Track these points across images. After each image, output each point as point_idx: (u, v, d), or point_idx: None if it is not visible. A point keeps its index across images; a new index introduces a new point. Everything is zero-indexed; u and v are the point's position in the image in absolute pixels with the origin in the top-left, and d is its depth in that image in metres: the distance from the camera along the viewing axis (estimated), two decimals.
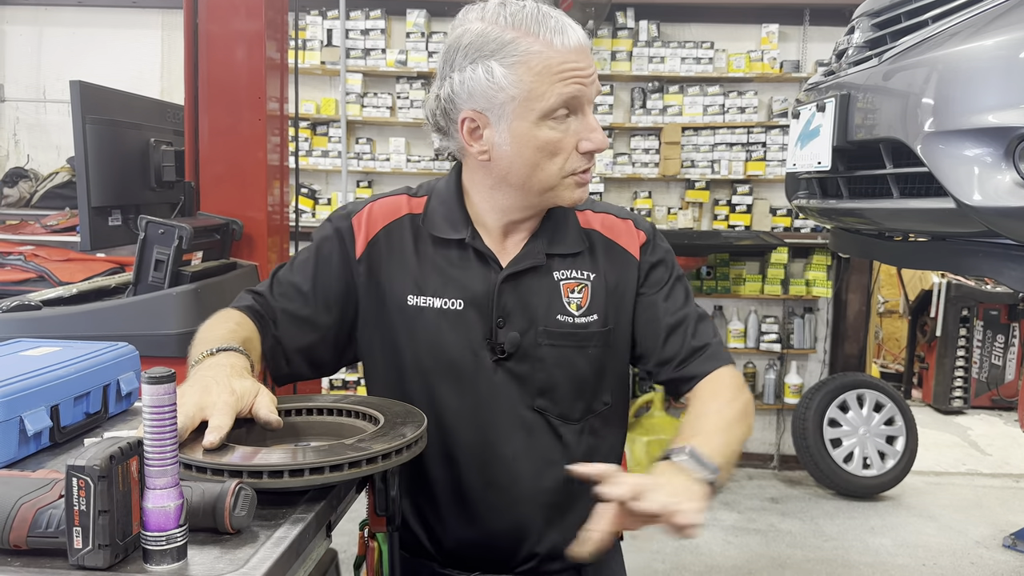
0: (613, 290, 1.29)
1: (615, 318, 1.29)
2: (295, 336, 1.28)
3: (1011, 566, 3.78)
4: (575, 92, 1.15)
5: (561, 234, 1.28)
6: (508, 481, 1.26)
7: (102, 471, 0.82)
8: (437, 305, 1.25)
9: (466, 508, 1.27)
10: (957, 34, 2.03)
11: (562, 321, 1.25)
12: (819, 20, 5.34)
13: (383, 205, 1.32)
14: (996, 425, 6.03)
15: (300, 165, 5.44)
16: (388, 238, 1.29)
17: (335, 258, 1.30)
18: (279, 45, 2.77)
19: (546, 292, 1.26)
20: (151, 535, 0.86)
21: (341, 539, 1.48)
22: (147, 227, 2.31)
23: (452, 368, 1.25)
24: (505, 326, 1.24)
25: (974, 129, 1.90)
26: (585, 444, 1.28)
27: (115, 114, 2.51)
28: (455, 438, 1.26)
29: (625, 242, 1.32)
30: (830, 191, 2.67)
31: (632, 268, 1.31)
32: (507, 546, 1.28)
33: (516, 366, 1.24)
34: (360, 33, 5.49)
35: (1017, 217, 1.86)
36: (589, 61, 1.17)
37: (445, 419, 1.26)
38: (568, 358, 1.25)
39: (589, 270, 1.28)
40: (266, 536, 0.95)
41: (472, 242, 1.26)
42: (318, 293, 1.29)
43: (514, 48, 1.14)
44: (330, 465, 1.00)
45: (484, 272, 1.25)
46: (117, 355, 1.41)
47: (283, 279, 1.31)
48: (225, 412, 1.04)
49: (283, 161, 2.81)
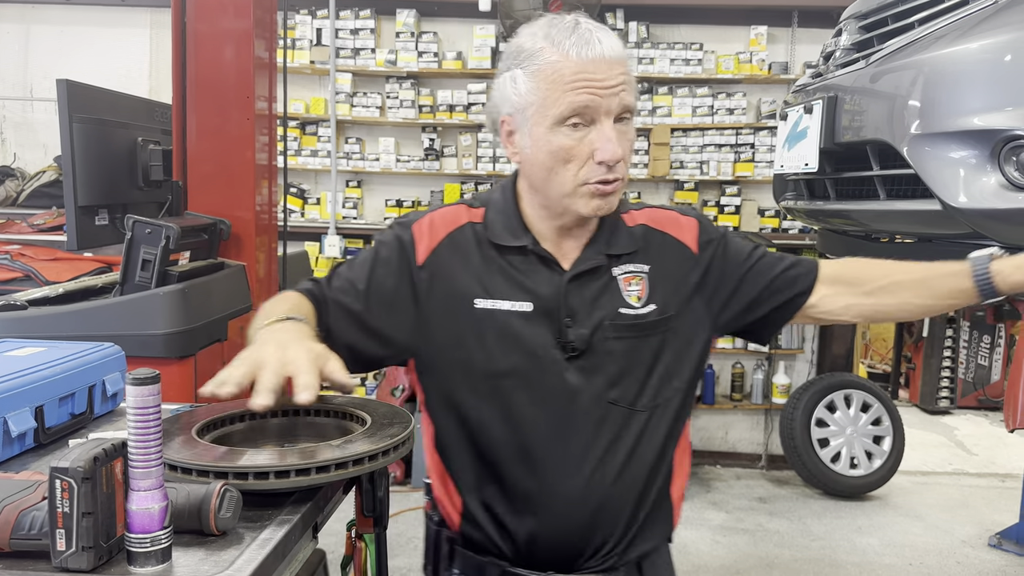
0: (668, 278, 1.34)
1: (675, 305, 1.33)
2: (344, 329, 1.30)
3: (997, 565, 3.81)
4: (586, 101, 1.19)
5: (616, 236, 1.34)
6: (584, 477, 1.27)
7: (86, 473, 0.82)
8: (506, 307, 1.28)
9: (540, 506, 1.28)
10: (943, 37, 2.05)
11: (625, 314, 1.30)
12: (807, 22, 5.36)
13: (443, 215, 1.36)
14: (982, 425, 6.06)
15: (289, 164, 5.43)
16: (452, 244, 1.33)
17: (393, 263, 1.32)
18: (267, 44, 2.76)
19: (608, 289, 1.31)
20: (135, 537, 0.86)
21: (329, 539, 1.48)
22: (134, 226, 2.30)
23: (524, 367, 1.28)
24: (574, 325, 1.28)
25: (960, 131, 1.92)
26: (658, 431, 1.32)
27: (102, 113, 2.49)
28: (529, 436, 1.28)
29: (674, 231, 1.38)
30: (817, 192, 2.68)
31: (688, 258, 1.36)
32: (580, 543, 1.29)
33: (586, 362, 1.28)
34: (350, 33, 5.48)
35: (1001, 219, 1.87)
36: (611, 73, 1.20)
37: (518, 418, 1.28)
38: (635, 348, 1.29)
39: (644, 263, 1.34)
40: (251, 538, 0.95)
41: (534, 248, 1.31)
42: (372, 293, 1.30)
43: (537, 58, 1.21)
44: (316, 466, 1.00)
45: (549, 275, 1.30)
46: (103, 355, 1.40)
47: (341, 274, 1.34)
48: (311, 371, 1.03)
49: (271, 160, 2.80)
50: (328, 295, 1.30)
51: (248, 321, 2.55)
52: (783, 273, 1.39)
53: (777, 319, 1.40)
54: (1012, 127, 1.80)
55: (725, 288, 1.38)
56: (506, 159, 5.54)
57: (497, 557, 1.32)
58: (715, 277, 1.37)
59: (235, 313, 2.51)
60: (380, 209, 5.69)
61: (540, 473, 1.28)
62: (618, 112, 1.21)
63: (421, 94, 5.53)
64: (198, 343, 2.26)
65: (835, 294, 1.39)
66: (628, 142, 1.24)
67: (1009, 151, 1.81)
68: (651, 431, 1.31)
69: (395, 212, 5.60)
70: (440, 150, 5.58)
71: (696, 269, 1.36)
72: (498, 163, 5.54)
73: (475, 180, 5.65)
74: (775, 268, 1.39)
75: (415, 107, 5.48)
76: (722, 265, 1.38)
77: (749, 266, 1.38)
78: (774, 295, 1.38)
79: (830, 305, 1.39)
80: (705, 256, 1.37)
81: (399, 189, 5.71)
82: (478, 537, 1.32)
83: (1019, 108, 1.82)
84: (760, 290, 1.38)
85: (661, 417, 1.32)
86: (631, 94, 1.22)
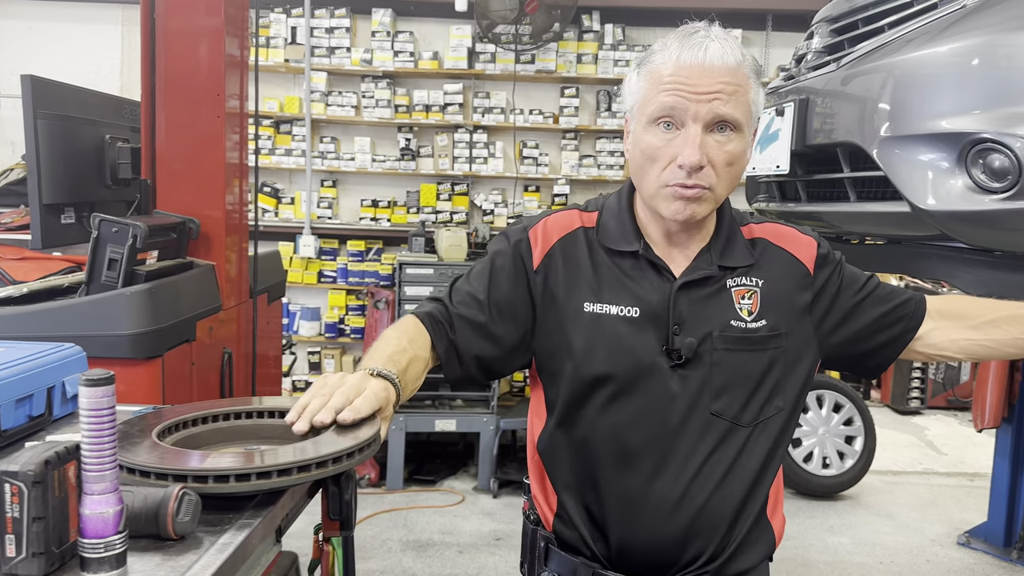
0: (782, 296, 1.33)
1: (786, 324, 1.32)
2: (470, 341, 1.32)
3: (965, 563, 3.85)
4: (673, 103, 1.20)
5: (731, 248, 1.34)
6: (680, 484, 1.27)
7: (36, 476, 0.80)
8: (614, 312, 1.29)
9: (635, 510, 1.28)
10: (912, 40, 2.06)
11: (735, 326, 1.29)
12: (781, 26, 5.40)
13: (557, 219, 1.38)
14: (952, 425, 6.14)
15: (263, 164, 5.39)
16: (564, 249, 1.35)
17: (509, 269, 1.35)
18: (239, 42, 2.73)
19: (719, 300, 1.30)
20: (89, 543, 0.84)
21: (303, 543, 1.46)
22: (100, 225, 2.27)
23: (630, 372, 1.28)
24: (681, 333, 1.28)
25: (928, 134, 1.93)
26: (758, 448, 1.30)
27: (68, 110, 2.45)
28: (630, 442, 1.28)
29: (794, 248, 1.37)
30: (789, 194, 2.70)
31: (804, 277, 1.36)
32: (672, 552, 1.29)
33: (692, 371, 1.28)
34: (325, 31, 5.45)
35: (968, 221, 1.89)
36: (707, 80, 1.20)
37: (621, 424, 1.28)
38: (743, 362, 1.28)
39: (758, 277, 1.33)
40: (211, 542, 0.93)
41: (645, 253, 1.31)
42: (492, 302, 1.33)
43: (651, 60, 1.26)
44: (278, 469, 0.99)
45: (659, 282, 1.30)
46: (63, 356, 1.37)
47: (460, 288, 1.36)
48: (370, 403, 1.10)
49: (242, 159, 2.77)
50: (452, 311, 1.33)
51: (217, 322, 2.54)
52: (894, 309, 1.39)
53: (887, 354, 1.41)
54: (979, 130, 1.81)
55: (835, 314, 1.37)
56: (483, 159, 5.53)
57: (589, 559, 1.33)
58: (827, 301, 1.37)
59: (204, 313, 2.48)
60: (355, 209, 5.66)
61: (637, 478, 1.28)
62: (708, 119, 1.20)
63: (397, 94, 5.51)
64: (166, 344, 2.23)
65: (941, 328, 1.40)
66: (725, 153, 1.22)
67: (976, 154, 1.83)
68: (752, 448, 1.30)
69: (371, 212, 5.57)
70: (416, 150, 5.57)
71: (809, 290, 1.36)
72: (475, 163, 5.53)
73: (451, 180, 5.64)
74: (887, 302, 1.39)
75: (391, 107, 5.46)
76: (835, 290, 1.37)
77: (863, 296, 1.38)
78: (883, 329, 1.39)
79: (936, 339, 1.40)
80: (820, 278, 1.37)
81: (375, 189, 5.68)
82: (571, 538, 1.34)
83: (986, 111, 1.83)
84: (870, 322, 1.38)
85: (762, 435, 1.31)
86: (732, 106, 1.20)
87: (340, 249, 5.60)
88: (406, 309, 4.77)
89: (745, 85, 1.22)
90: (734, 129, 1.22)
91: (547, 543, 1.37)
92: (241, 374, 2.80)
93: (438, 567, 3.64)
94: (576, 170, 5.52)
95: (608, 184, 5.55)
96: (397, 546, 3.84)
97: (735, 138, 1.23)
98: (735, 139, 1.23)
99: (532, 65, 5.44)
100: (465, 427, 4.58)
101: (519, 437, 5.08)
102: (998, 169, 1.80)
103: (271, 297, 3.19)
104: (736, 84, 1.21)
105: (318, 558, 1.39)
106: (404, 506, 4.31)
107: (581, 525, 1.33)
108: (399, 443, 4.45)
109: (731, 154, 1.23)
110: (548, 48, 5.42)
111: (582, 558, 1.33)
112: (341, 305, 5.53)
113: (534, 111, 5.51)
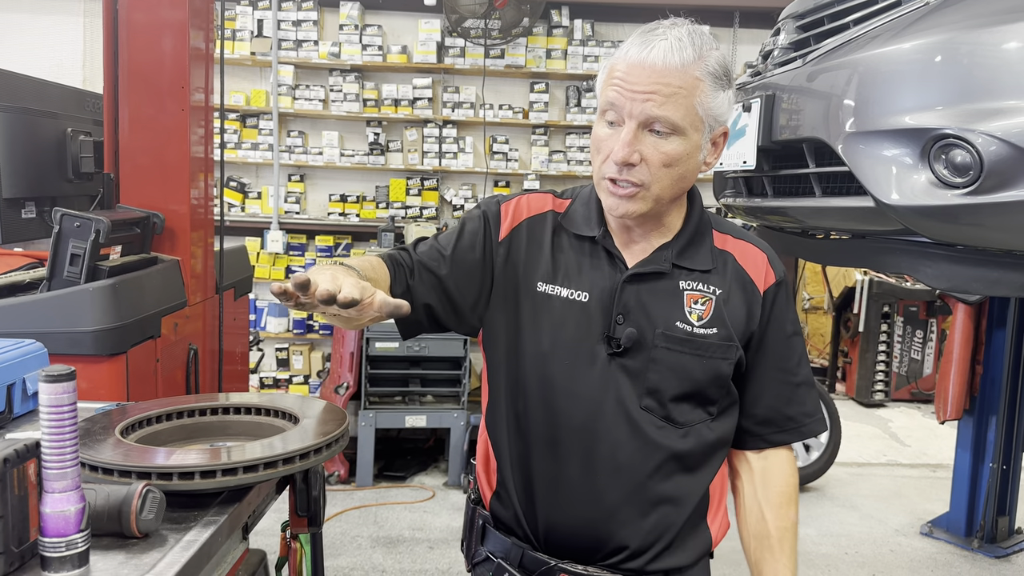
0: (737, 314, 1.32)
1: (738, 337, 1.32)
2: (426, 290, 1.33)
3: (928, 552, 3.92)
4: (613, 98, 1.21)
5: (693, 249, 1.33)
6: (605, 472, 1.29)
7: None
8: (564, 295, 1.31)
9: (561, 492, 1.31)
10: (877, 37, 2.09)
11: (681, 328, 1.29)
12: (748, 23, 5.44)
13: (530, 200, 1.41)
14: (915, 417, 6.24)
15: (229, 158, 5.32)
16: (530, 228, 1.37)
17: (479, 235, 1.37)
18: (205, 34, 2.69)
19: (668, 298, 1.30)
20: (50, 541, 0.82)
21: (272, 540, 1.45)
22: (62, 220, 2.22)
23: (568, 355, 1.30)
24: (624, 323, 1.29)
25: (892, 130, 1.96)
26: (692, 451, 1.31)
27: (27, 102, 2.41)
28: (561, 423, 1.30)
29: (754, 275, 1.36)
30: (755, 190, 2.72)
31: (756, 303, 1.34)
32: (596, 536, 1.31)
33: (629, 362, 1.28)
34: (292, 24, 5.39)
35: (931, 216, 1.92)
36: (645, 80, 1.19)
37: (554, 404, 1.30)
38: (682, 364, 1.28)
39: (716, 287, 1.32)
40: (175, 540, 0.92)
41: (602, 241, 1.33)
42: (455, 260, 1.35)
43: (614, 53, 1.27)
44: (244, 466, 0.98)
45: (611, 270, 1.31)
46: (23, 353, 1.35)
47: (426, 242, 1.39)
48: (355, 289, 1.01)
49: (207, 153, 2.73)
50: (414, 257, 1.34)
51: (182, 318, 2.50)
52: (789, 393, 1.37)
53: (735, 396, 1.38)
54: (942, 126, 1.84)
55: (754, 343, 1.35)
56: (452, 154, 5.51)
57: (521, 539, 1.35)
58: (760, 329, 1.35)
59: (168, 309, 2.45)
60: (324, 204, 5.62)
61: (565, 460, 1.30)
62: (641, 119, 1.19)
63: (365, 88, 5.47)
64: (130, 340, 2.20)
65: (750, 482, 1.40)
66: (660, 154, 1.20)
67: (938, 149, 1.86)
68: (684, 450, 1.30)
69: (339, 207, 5.53)
70: (385, 144, 5.53)
71: (756, 317, 1.34)
72: (444, 158, 5.51)
73: (421, 175, 5.62)
74: (788, 377, 1.37)
75: (359, 101, 5.42)
76: (767, 321, 1.35)
77: (767, 338, 1.35)
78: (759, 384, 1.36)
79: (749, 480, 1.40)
80: (766, 309, 1.35)
81: (343, 184, 5.64)
82: (506, 517, 1.37)
83: (949, 108, 1.86)
84: (765, 373, 1.36)
85: (697, 440, 1.31)
86: (668, 108, 1.18)
87: (308, 244, 5.55)
88: None
89: (690, 87, 1.19)
90: (669, 131, 1.20)
91: (484, 522, 1.41)
92: (207, 371, 2.76)
93: (408, 563, 3.63)
94: (546, 165, 5.53)
95: (578, 179, 5.56)
96: (367, 543, 3.82)
97: (675, 140, 1.21)
98: (675, 141, 1.21)
99: (501, 60, 5.43)
100: (435, 423, 4.57)
101: None
102: (960, 164, 1.82)
103: (238, 293, 3.16)
104: (677, 86, 1.19)
105: (286, 555, 1.38)
106: (374, 503, 4.29)
107: (514, 504, 1.35)
108: (368, 439, 4.43)
109: (667, 155, 1.21)
110: (517, 43, 5.41)
111: (514, 538, 1.36)
112: None
113: (504, 106, 5.50)
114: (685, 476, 1.31)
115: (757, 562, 1.38)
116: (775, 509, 1.38)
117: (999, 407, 3.91)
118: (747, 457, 1.41)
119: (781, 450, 1.40)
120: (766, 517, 1.38)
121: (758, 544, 1.38)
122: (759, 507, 1.38)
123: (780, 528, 1.37)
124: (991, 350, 3.93)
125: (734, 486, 1.43)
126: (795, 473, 1.41)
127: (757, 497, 1.39)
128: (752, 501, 1.40)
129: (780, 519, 1.37)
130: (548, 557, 1.32)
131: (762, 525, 1.38)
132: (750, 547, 1.40)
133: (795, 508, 1.40)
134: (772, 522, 1.37)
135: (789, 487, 1.40)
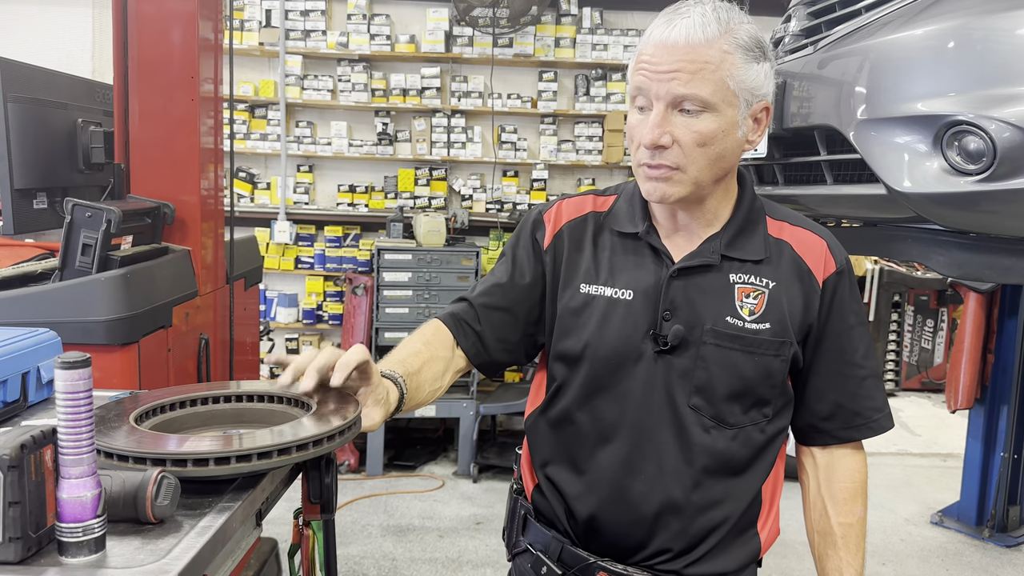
0: (792, 306, 1.27)
1: (793, 333, 1.26)
2: (496, 327, 1.35)
3: (938, 542, 3.92)
4: (638, 82, 1.19)
5: (744, 239, 1.28)
6: (650, 472, 1.26)
7: (12, 461, 0.79)
8: (607, 294, 1.29)
9: (604, 491, 1.29)
10: (889, 23, 2.07)
11: (731, 323, 1.24)
12: (758, 9, 5.39)
13: (569, 204, 1.40)
14: (925, 407, 6.22)
15: (238, 148, 5.33)
16: (571, 233, 1.36)
17: (528, 249, 1.38)
18: (213, 24, 2.69)
19: (718, 292, 1.26)
20: (67, 526, 0.83)
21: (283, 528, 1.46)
22: (73, 210, 2.23)
23: (615, 355, 1.27)
24: (671, 319, 1.25)
25: (904, 117, 1.95)
26: (741, 452, 1.27)
27: (39, 93, 2.41)
28: (610, 422, 1.28)
29: (813, 264, 1.29)
30: (766, 177, 2.71)
31: (815, 294, 1.28)
32: (638, 536, 1.28)
33: (677, 360, 1.25)
34: (300, 14, 5.39)
35: (944, 203, 1.91)
36: (667, 58, 1.16)
37: (600, 403, 1.29)
38: (732, 361, 1.24)
39: (769, 279, 1.27)
40: (190, 526, 0.92)
41: (646, 237, 1.30)
42: (514, 285, 1.36)
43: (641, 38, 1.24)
44: (258, 452, 0.98)
45: (656, 266, 1.28)
46: (37, 341, 1.36)
47: (483, 281, 1.41)
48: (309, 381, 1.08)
49: (217, 144, 2.74)
50: (475, 303, 1.36)
51: (193, 308, 2.51)
52: (854, 387, 1.32)
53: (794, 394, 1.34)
54: (954, 113, 1.83)
55: (813, 337, 1.30)
56: (461, 144, 5.50)
57: (561, 534, 1.34)
58: (820, 322, 1.30)
59: (180, 299, 2.46)
60: (332, 194, 5.62)
61: (610, 461, 1.28)
62: (668, 99, 1.16)
63: (374, 77, 5.46)
64: (141, 330, 2.21)
65: (814, 477, 1.38)
66: (692, 133, 1.17)
67: (951, 136, 1.85)
68: (734, 452, 1.26)
69: (347, 197, 5.54)
70: (394, 135, 5.53)
71: (813, 308, 1.28)
72: (453, 148, 5.51)
73: (429, 165, 5.61)
74: (853, 370, 1.31)
75: (368, 91, 5.42)
76: (827, 314, 1.29)
77: (829, 331, 1.30)
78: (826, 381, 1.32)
79: (803, 474, 1.40)
80: (825, 300, 1.29)
81: (352, 174, 5.64)
82: (547, 510, 1.36)
83: (961, 94, 1.85)
84: (827, 367, 1.31)
85: (748, 442, 1.27)
86: (694, 85, 1.15)
87: (317, 235, 5.56)
88: (384, 295, 4.76)
89: (717, 61, 1.15)
90: (700, 109, 1.16)
91: (526, 513, 1.40)
92: (218, 360, 2.78)
93: (418, 551, 3.65)
94: (554, 155, 5.52)
95: (586, 169, 5.55)
96: (377, 531, 3.84)
97: (707, 118, 1.17)
98: (707, 119, 1.17)
99: (510, 49, 5.42)
100: (445, 412, 4.58)
101: (499, 422, 5.09)
102: (973, 151, 1.81)
103: (248, 283, 3.17)
104: (703, 62, 1.15)
105: (298, 543, 1.38)
106: (384, 492, 4.31)
107: (555, 500, 1.34)
108: (379, 429, 4.45)
109: (700, 134, 1.17)
110: (526, 32, 5.39)
111: (554, 532, 1.35)
112: (319, 291, 5.49)
113: (512, 95, 5.49)
114: (734, 478, 1.27)
115: (820, 558, 1.37)
116: (838, 505, 1.35)
117: (1010, 396, 3.90)
118: (812, 452, 1.38)
119: (848, 445, 1.36)
120: (829, 513, 1.35)
121: (821, 540, 1.37)
122: (822, 503, 1.36)
123: (843, 525, 1.35)
124: (1003, 339, 3.91)
125: (800, 479, 1.42)
126: (862, 468, 1.37)
127: (821, 493, 1.37)
128: (816, 496, 1.37)
129: (843, 515, 1.35)
130: (588, 554, 1.31)
131: (825, 521, 1.36)
132: (814, 542, 1.38)
133: (861, 504, 1.36)
134: (835, 518, 1.35)
135: (855, 483, 1.36)
